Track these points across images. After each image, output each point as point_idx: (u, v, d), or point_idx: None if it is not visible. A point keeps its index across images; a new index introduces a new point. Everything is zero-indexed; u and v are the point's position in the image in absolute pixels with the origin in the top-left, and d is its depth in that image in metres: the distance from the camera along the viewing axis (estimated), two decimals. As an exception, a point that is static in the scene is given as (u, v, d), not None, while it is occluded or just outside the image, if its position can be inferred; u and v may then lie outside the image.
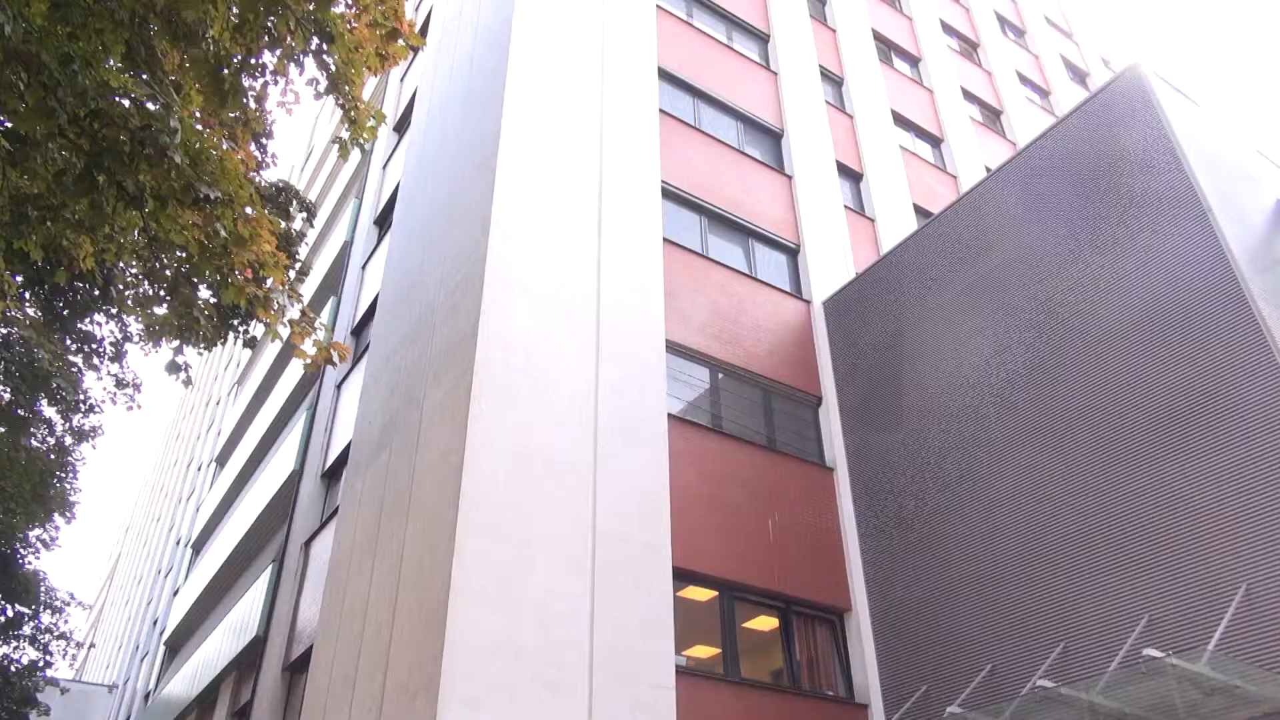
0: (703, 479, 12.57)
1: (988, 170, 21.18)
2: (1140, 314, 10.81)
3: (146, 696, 32.39)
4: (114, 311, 12.79)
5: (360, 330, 18.41)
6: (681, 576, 11.56)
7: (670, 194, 15.24)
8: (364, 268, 19.71)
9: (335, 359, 8.00)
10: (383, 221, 19.99)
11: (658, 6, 17.44)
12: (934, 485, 12.64)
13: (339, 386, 18.11)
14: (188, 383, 8.72)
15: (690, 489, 12.26)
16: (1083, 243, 11.79)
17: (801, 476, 13.82)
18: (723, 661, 11.75)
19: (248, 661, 17.29)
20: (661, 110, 15.94)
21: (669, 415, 12.62)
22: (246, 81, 7.11)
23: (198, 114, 7.31)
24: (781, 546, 12.78)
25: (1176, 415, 10.04)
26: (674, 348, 13.55)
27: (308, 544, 16.30)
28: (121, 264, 9.18)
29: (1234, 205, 10.95)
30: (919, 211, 19.56)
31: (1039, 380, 11.73)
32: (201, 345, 8.99)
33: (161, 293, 8.80)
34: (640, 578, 10.93)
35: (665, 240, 14.36)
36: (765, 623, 12.62)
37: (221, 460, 32.97)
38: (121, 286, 10.24)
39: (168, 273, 8.32)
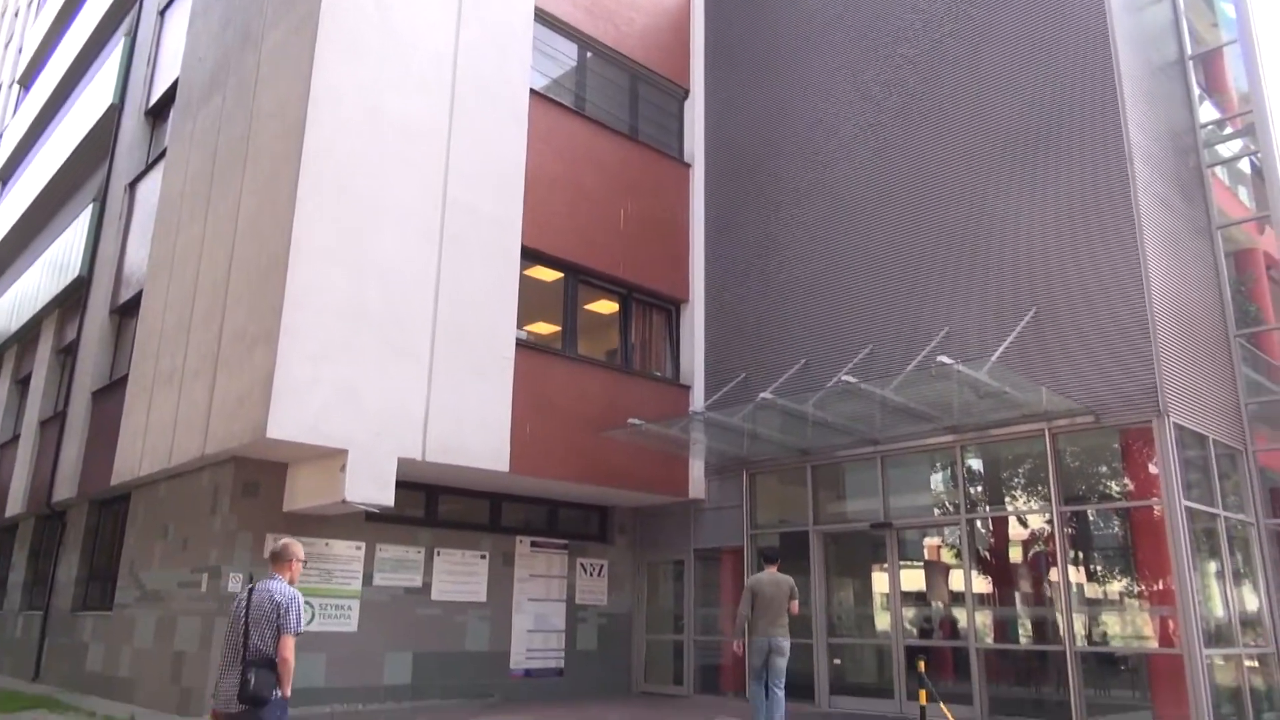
0: (559, 160, 12.38)
1: None
2: (1011, 35, 10.90)
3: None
4: None
5: (186, -52, 16.07)
6: (529, 255, 11.73)
7: None
8: None
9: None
10: None
11: None
12: (782, 192, 13.00)
13: (162, 13, 16.10)
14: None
15: (546, 169, 12.09)
16: (972, -41, 11.47)
17: (658, 169, 13.85)
18: (562, 338, 12.33)
19: (71, 300, 16.68)
20: None
21: (531, 90, 12.09)
22: None
23: None
24: (630, 236, 13.06)
25: (1016, 142, 10.54)
26: (542, 16, 12.68)
27: (133, 185, 15.27)
28: None
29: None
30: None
31: (902, 93, 11.87)
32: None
33: None
34: (488, 251, 11.01)
35: (544, -111, 12.91)
36: (606, 306, 13.18)
37: (25, 82, 29.39)
38: None
39: None
